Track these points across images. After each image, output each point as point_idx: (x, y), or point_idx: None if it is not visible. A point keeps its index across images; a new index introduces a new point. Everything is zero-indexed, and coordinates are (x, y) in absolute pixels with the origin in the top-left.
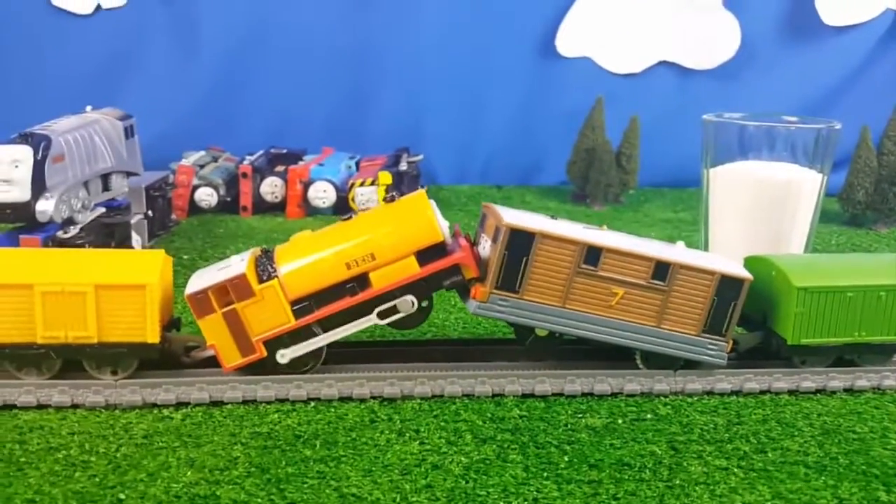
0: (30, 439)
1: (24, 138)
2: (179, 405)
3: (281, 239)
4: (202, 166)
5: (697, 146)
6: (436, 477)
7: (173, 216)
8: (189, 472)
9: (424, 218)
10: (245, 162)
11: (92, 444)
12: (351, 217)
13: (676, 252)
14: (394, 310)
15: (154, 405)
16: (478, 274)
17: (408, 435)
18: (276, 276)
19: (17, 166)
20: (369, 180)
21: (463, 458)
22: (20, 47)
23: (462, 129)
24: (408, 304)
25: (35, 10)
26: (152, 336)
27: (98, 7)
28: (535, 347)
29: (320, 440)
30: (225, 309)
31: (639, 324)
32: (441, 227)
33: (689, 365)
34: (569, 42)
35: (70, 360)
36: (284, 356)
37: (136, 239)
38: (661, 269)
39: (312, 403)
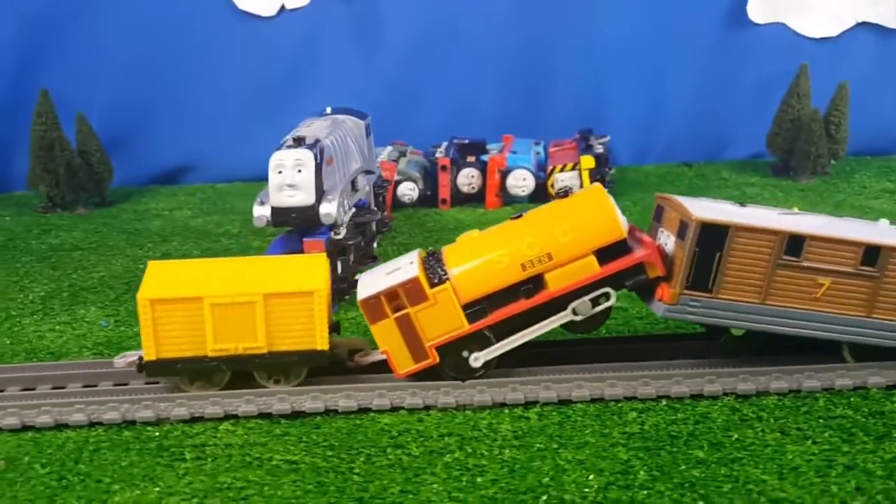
0: (406, 443)
1: (298, 142)
2: (528, 404)
3: None
4: (394, 161)
5: None
6: (859, 478)
7: (386, 213)
8: (592, 477)
9: (604, 213)
10: (438, 154)
11: (472, 447)
12: (521, 215)
13: (883, 233)
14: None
15: (503, 404)
16: (664, 272)
17: (792, 434)
18: (448, 279)
19: (300, 170)
20: (570, 165)
21: (875, 458)
22: (208, 51)
23: (643, 106)
24: (587, 305)
25: (221, 14)
26: (322, 343)
27: (282, 8)
28: (729, 347)
29: (703, 441)
30: (397, 314)
31: (847, 315)
32: (622, 223)
33: None
34: (761, 7)
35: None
36: (478, 360)
37: None
38: (871, 254)
39: (664, 401)
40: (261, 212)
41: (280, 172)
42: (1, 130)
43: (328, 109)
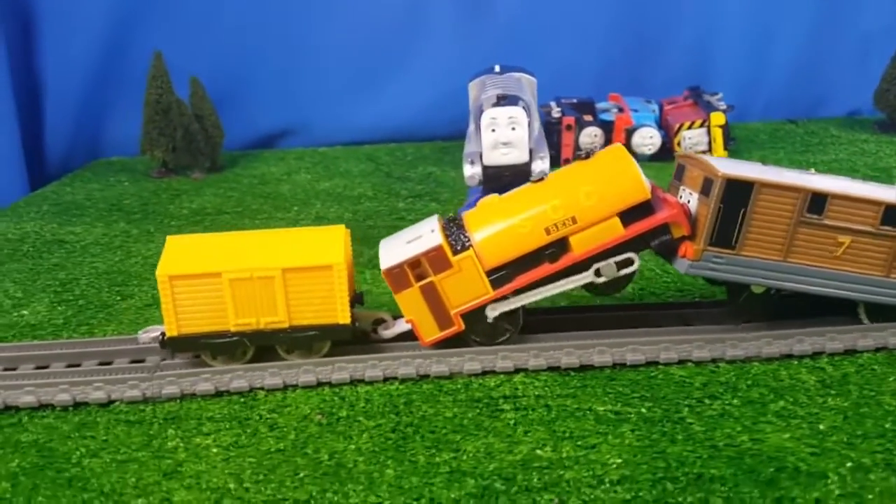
0: (719, 393)
1: (501, 100)
2: (815, 355)
3: None
4: None
5: None
6: None
7: None
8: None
9: (628, 174)
10: (554, 114)
11: (791, 396)
12: (542, 179)
13: None
14: (599, 273)
15: (790, 356)
16: (689, 232)
17: None
18: (471, 246)
19: (513, 128)
20: (698, 122)
21: None
22: (309, 14)
23: (746, 62)
24: (612, 268)
25: None
26: (343, 317)
27: None
28: (749, 305)
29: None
30: (422, 283)
31: (866, 274)
32: (646, 183)
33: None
34: None
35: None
36: (495, 309)
37: None
38: (892, 214)
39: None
40: (473, 171)
41: (493, 130)
42: (94, 95)
43: (497, 67)
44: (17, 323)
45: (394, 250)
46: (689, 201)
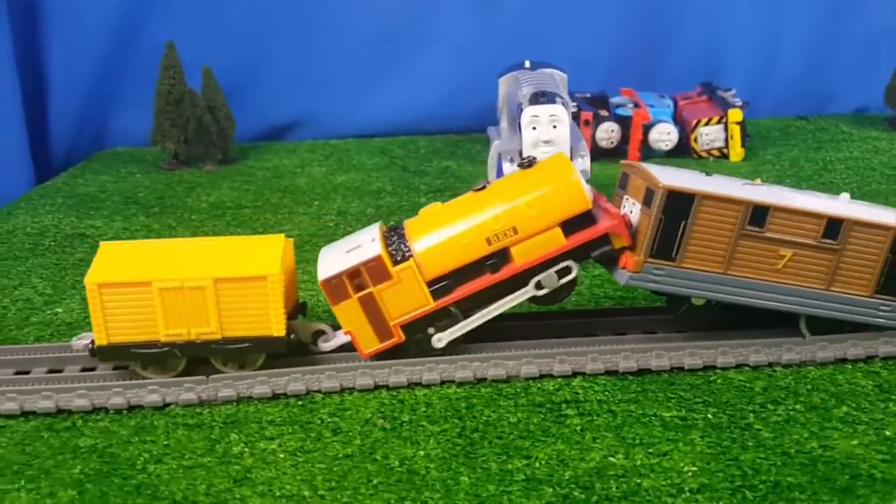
0: (781, 398)
1: (538, 97)
2: (868, 359)
3: None
4: None
5: None
6: None
7: None
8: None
9: (569, 184)
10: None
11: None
12: (485, 187)
13: (845, 206)
14: (540, 284)
15: (843, 360)
16: (630, 243)
17: None
18: (412, 256)
19: (555, 126)
20: (715, 118)
21: None
22: (317, 6)
23: (757, 58)
24: (553, 278)
25: None
26: (278, 329)
27: None
28: (689, 316)
29: None
30: (361, 294)
31: (807, 287)
32: (587, 194)
33: (856, 329)
34: None
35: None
36: (441, 340)
37: None
38: (833, 227)
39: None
40: (512, 170)
41: (534, 128)
42: (100, 84)
43: (527, 63)
44: (53, 321)
45: (332, 260)
46: (631, 211)
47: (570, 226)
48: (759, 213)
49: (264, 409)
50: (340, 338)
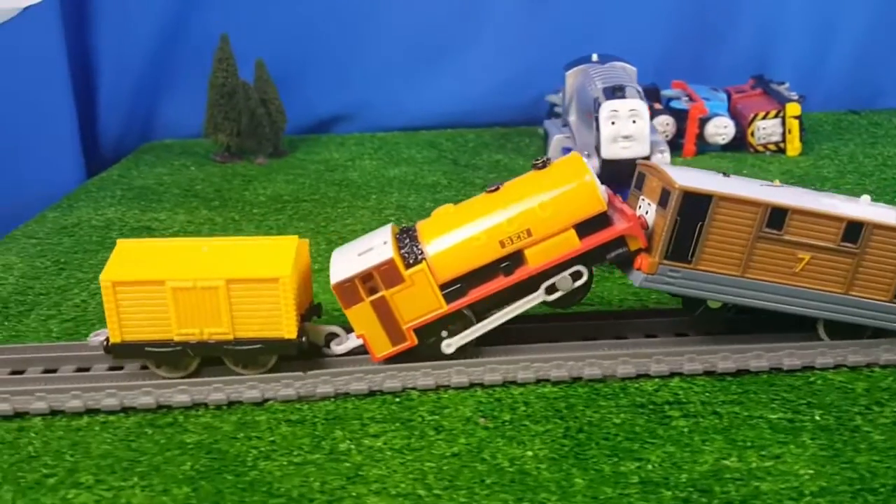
0: (885, 400)
1: (614, 91)
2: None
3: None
4: None
5: None
6: None
7: None
8: None
9: (584, 185)
10: None
11: None
12: (498, 188)
13: (866, 209)
14: (554, 287)
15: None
16: (646, 245)
17: None
18: (424, 259)
19: (634, 121)
20: (773, 112)
21: None
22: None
23: (804, 52)
24: (567, 281)
25: None
26: (288, 331)
27: None
28: (704, 319)
29: None
30: (373, 297)
31: (825, 291)
32: (602, 195)
33: (877, 334)
34: None
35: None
36: (451, 346)
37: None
38: (854, 230)
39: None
40: (590, 164)
41: (613, 123)
42: (149, 76)
43: (594, 56)
44: None
45: (344, 263)
46: (647, 212)
47: (585, 228)
48: (777, 216)
49: (362, 406)
50: (353, 341)
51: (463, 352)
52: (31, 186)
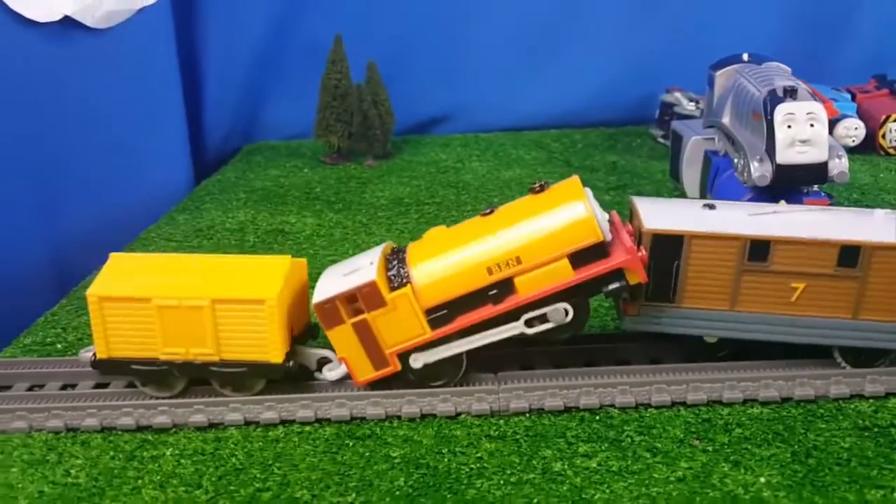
0: None
1: (787, 93)
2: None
3: None
4: None
5: None
6: None
7: None
8: None
9: (581, 213)
10: None
11: None
12: (492, 211)
13: (871, 226)
14: (544, 318)
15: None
16: (645, 280)
17: None
18: (408, 282)
19: (811, 124)
20: None
21: None
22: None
23: None
24: (560, 313)
25: None
26: (275, 355)
27: None
28: (701, 352)
29: None
30: (355, 319)
31: (831, 318)
32: (601, 224)
33: None
34: None
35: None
36: (417, 360)
37: None
38: (850, 254)
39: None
40: (763, 170)
41: (789, 127)
42: (254, 78)
43: (745, 56)
44: None
45: (330, 283)
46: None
47: (580, 258)
48: (758, 248)
49: (561, 423)
50: (344, 369)
51: (437, 378)
52: (146, 187)
